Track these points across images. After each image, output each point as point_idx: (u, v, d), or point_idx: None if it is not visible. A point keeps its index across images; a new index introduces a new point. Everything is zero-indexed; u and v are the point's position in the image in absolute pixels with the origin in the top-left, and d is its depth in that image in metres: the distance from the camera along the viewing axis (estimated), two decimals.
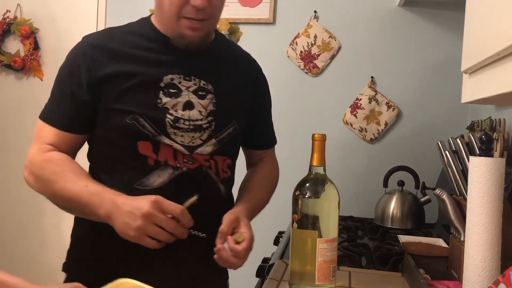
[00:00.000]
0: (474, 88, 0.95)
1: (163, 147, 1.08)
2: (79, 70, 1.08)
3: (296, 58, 2.22)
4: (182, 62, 1.13)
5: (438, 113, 2.11)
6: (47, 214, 2.46)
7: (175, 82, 1.10)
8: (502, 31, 0.73)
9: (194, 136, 1.10)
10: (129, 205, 0.95)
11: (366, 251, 1.45)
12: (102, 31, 1.18)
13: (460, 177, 1.11)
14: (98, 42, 1.11)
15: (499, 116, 1.43)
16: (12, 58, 2.42)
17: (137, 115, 1.06)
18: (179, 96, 1.10)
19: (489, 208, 0.87)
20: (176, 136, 1.09)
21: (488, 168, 0.87)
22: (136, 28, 1.15)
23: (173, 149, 1.08)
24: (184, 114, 1.09)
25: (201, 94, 1.12)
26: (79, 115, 1.10)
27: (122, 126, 1.07)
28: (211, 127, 1.12)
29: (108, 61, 1.09)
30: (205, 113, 1.12)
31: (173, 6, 1.05)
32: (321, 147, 1.03)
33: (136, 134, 1.07)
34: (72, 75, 1.09)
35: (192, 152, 1.10)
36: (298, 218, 1.02)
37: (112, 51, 1.10)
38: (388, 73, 2.15)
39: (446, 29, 2.09)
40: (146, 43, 1.12)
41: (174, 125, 1.08)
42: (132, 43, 1.12)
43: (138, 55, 1.10)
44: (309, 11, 2.21)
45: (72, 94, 1.09)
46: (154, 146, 1.08)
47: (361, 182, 2.16)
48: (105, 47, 1.10)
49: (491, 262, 0.88)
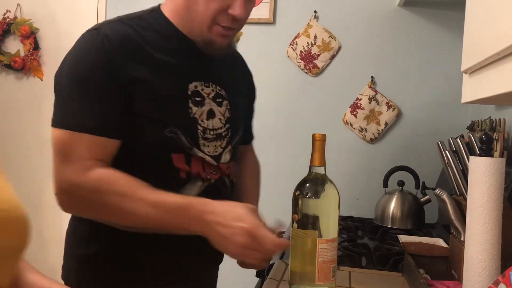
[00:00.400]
0: (474, 88, 0.95)
1: (194, 159, 1.04)
2: (107, 68, 0.96)
3: (296, 58, 2.22)
4: (200, 66, 1.08)
5: (438, 113, 2.11)
6: (47, 214, 2.46)
7: (198, 90, 1.05)
8: (502, 31, 0.73)
9: (216, 145, 1.07)
10: (223, 227, 0.90)
11: (366, 251, 1.45)
12: (116, 23, 1.02)
13: (460, 177, 1.11)
14: (124, 36, 0.99)
15: (499, 116, 1.43)
16: (12, 58, 2.43)
17: (175, 128, 1.00)
18: (203, 104, 1.05)
19: (489, 208, 0.87)
20: (204, 147, 1.05)
21: (488, 168, 0.87)
22: (151, 23, 1.05)
23: (202, 161, 1.04)
24: (208, 123, 1.06)
25: (219, 101, 1.09)
26: (114, 117, 0.97)
27: (160, 139, 0.99)
28: (228, 134, 1.10)
29: (134, 62, 0.98)
30: (224, 120, 1.09)
31: (209, 12, 0.99)
32: (321, 147, 1.03)
33: (172, 147, 1.01)
34: (98, 73, 0.96)
35: (219, 162, 1.07)
36: (298, 218, 1.02)
37: (136, 51, 0.99)
38: (388, 73, 2.15)
39: (446, 29, 2.09)
40: (167, 43, 1.04)
41: (204, 136, 1.05)
42: (154, 43, 1.02)
43: (163, 60, 1.02)
44: (309, 11, 2.21)
45: (103, 93, 0.96)
46: (187, 158, 1.03)
47: (361, 182, 2.16)
48: (128, 45, 0.99)
49: (491, 262, 0.88)
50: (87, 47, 0.99)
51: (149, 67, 1.00)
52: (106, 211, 0.95)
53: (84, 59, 0.98)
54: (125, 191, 0.93)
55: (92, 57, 0.97)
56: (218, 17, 1.00)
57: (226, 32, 1.02)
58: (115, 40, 0.98)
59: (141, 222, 0.94)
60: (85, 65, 0.97)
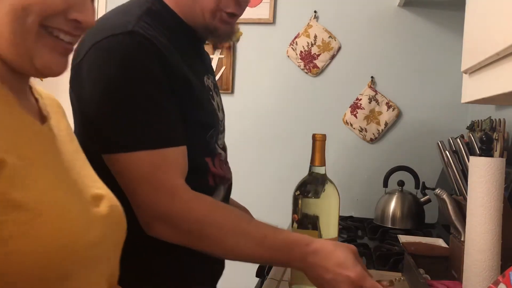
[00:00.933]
0: (474, 88, 0.95)
1: (217, 158, 1.02)
2: (157, 74, 0.87)
3: (296, 58, 2.22)
4: (202, 57, 1.08)
5: (438, 113, 2.11)
6: None
7: (208, 84, 1.04)
8: (502, 31, 0.73)
9: (224, 135, 1.10)
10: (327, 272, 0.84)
11: (366, 251, 1.45)
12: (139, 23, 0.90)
13: (460, 177, 1.11)
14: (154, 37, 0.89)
15: (499, 116, 1.43)
16: None
17: (212, 131, 0.98)
18: (214, 98, 1.05)
19: (489, 208, 0.87)
20: (219, 141, 1.05)
21: (488, 168, 0.87)
22: (161, 18, 0.96)
23: (219, 159, 1.03)
24: (220, 116, 1.06)
25: (216, 91, 1.09)
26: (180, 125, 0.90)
27: (200, 142, 0.95)
28: (224, 124, 1.11)
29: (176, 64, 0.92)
30: (221, 110, 1.10)
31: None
32: (321, 147, 1.03)
33: (206, 150, 0.99)
34: (154, 82, 0.87)
35: (226, 153, 1.08)
36: (298, 218, 1.02)
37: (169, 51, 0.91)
38: (388, 73, 2.15)
39: (446, 29, 2.09)
40: (181, 39, 0.99)
41: (220, 130, 1.05)
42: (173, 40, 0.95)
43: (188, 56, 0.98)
44: (309, 11, 2.21)
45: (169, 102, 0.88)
46: (213, 159, 1.01)
47: (361, 182, 2.16)
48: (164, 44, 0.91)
49: (491, 262, 0.88)
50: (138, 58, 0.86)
51: (180, 65, 0.93)
52: (206, 243, 0.86)
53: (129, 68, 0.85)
54: (226, 224, 0.86)
55: (146, 64, 0.86)
56: (221, 3, 0.97)
57: (229, 19, 1.00)
58: (155, 43, 0.88)
59: (244, 258, 0.88)
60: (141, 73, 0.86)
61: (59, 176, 0.61)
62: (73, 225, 0.57)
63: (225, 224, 0.86)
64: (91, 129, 0.89)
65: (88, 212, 0.62)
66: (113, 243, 0.68)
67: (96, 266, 0.62)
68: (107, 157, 0.86)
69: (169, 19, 0.97)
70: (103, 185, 0.72)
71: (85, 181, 0.68)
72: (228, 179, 1.07)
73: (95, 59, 0.87)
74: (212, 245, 0.86)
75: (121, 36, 0.86)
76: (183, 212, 0.84)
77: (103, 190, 0.70)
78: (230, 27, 1.02)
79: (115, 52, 0.86)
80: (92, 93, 0.88)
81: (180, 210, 0.84)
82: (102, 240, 0.62)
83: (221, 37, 1.03)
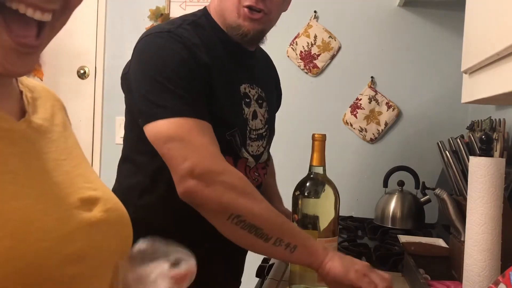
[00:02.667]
0: (474, 88, 0.95)
1: (240, 162, 1.07)
2: (195, 66, 0.98)
3: (296, 58, 2.22)
4: (247, 69, 1.11)
5: (438, 113, 2.11)
6: None
7: (247, 91, 1.09)
8: (502, 31, 0.73)
9: (259, 144, 1.13)
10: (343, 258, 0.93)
11: (366, 251, 1.45)
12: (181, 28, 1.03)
13: (460, 177, 1.11)
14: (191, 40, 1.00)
15: (499, 116, 1.43)
16: None
17: (234, 131, 1.03)
18: (250, 105, 1.10)
19: (489, 208, 0.87)
20: (249, 147, 1.09)
21: (488, 168, 0.87)
22: (205, 28, 1.06)
23: (245, 164, 1.08)
24: (253, 124, 1.10)
25: (260, 102, 1.14)
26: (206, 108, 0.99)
27: (220, 140, 0.99)
28: (267, 135, 1.16)
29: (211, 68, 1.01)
30: (264, 121, 1.14)
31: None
32: (321, 147, 1.03)
33: (226, 149, 1.02)
34: (191, 71, 0.98)
35: (257, 161, 1.12)
36: (298, 218, 1.02)
37: (203, 55, 1.01)
38: (388, 73, 2.15)
39: (446, 29, 2.09)
40: (220, 48, 1.06)
41: (249, 136, 1.09)
42: (211, 48, 1.04)
43: (220, 63, 1.04)
44: (309, 11, 2.21)
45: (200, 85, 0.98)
46: (234, 161, 1.06)
47: (361, 182, 2.16)
48: (199, 47, 1.01)
49: (491, 262, 0.88)
50: (170, 47, 0.98)
51: (214, 68, 1.02)
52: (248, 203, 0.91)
53: (172, 57, 0.97)
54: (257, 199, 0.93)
55: (181, 53, 0.97)
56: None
57: (252, 15, 1.02)
58: (192, 41, 0.99)
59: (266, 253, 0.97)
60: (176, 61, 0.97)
61: (30, 180, 0.51)
62: (41, 239, 0.46)
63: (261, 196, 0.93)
64: (135, 111, 1.00)
65: (69, 220, 0.51)
66: (111, 253, 0.56)
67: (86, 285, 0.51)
68: (148, 128, 0.95)
69: (211, 32, 1.05)
70: (102, 185, 0.62)
71: (76, 182, 0.57)
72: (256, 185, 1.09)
73: (135, 54, 1.02)
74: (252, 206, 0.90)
75: (158, 34, 1.00)
76: (228, 171, 0.91)
77: (99, 192, 0.59)
78: (255, 24, 1.03)
79: (151, 43, 1.00)
80: (134, 78, 1.00)
81: (223, 169, 0.91)
82: (90, 252, 0.52)
83: (248, 36, 1.04)
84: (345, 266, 0.91)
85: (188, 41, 0.99)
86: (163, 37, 0.99)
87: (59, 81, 2.43)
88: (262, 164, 1.16)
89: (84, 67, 2.41)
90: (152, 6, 2.33)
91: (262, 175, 1.16)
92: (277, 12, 1.09)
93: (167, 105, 0.94)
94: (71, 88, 2.41)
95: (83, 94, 2.34)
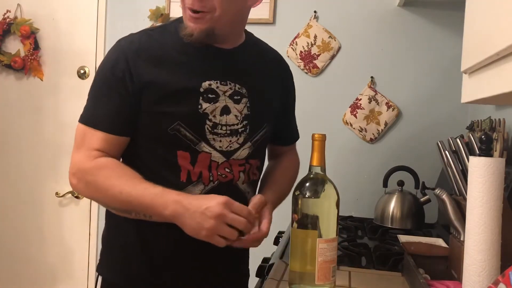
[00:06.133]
0: (474, 88, 0.95)
1: (200, 157, 1.09)
2: (123, 75, 1.07)
3: (296, 58, 2.22)
4: (217, 66, 1.13)
5: (438, 113, 2.11)
6: (47, 214, 2.46)
7: (213, 87, 1.11)
8: (502, 31, 0.73)
9: (232, 140, 1.12)
10: (197, 206, 0.98)
11: (366, 251, 1.45)
12: (138, 34, 1.15)
13: (460, 177, 1.11)
14: (137, 47, 1.10)
15: (499, 116, 1.43)
16: (12, 58, 2.42)
17: (178, 125, 1.07)
18: (217, 101, 1.11)
19: (489, 208, 0.87)
20: (215, 142, 1.10)
21: (488, 168, 0.87)
22: (172, 30, 1.14)
23: (209, 159, 1.09)
24: (221, 119, 1.11)
25: (236, 98, 1.13)
26: (126, 118, 1.09)
27: (163, 135, 1.07)
28: (246, 131, 1.14)
29: (148, 67, 1.08)
30: (240, 117, 1.13)
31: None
32: (321, 147, 1.03)
33: (176, 144, 1.08)
34: (117, 79, 1.08)
35: (229, 158, 1.12)
36: (298, 218, 1.02)
37: (151, 57, 1.09)
38: (388, 73, 2.15)
39: (446, 29, 2.09)
40: (184, 46, 1.11)
41: (213, 131, 1.10)
42: (170, 46, 1.11)
43: (177, 61, 1.10)
44: (309, 11, 2.21)
45: (118, 97, 1.08)
46: (192, 156, 1.09)
47: (361, 182, 2.16)
48: (144, 52, 1.09)
49: (491, 262, 0.88)
50: (111, 54, 1.11)
51: (164, 69, 1.08)
52: (99, 193, 1.07)
53: (105, 65, 1.11)
54: (117, 176, 1.05)
55: (112, 64, 1.09)
56: (185, 0, 1.06)
57: (194, 14, 1.06)
58: (132, 48, 1.09)
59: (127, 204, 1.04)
60: (105, 71, 1.10)
61: None
62: None
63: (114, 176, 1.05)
64: None
65: None
66: None
67: None
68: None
69: (177, 36, 1.11)
70: None
71: None
72: (212, 181, 1.11)
73: None
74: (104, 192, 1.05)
75: (116, 42, 1.14)
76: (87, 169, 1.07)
77: None
78: (198, 24, 1.06)
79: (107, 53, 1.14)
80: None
81: (86, 168, 1.07)
82: None
83: (193, 35, 1.08)
84: (194, 226, 0.98)
85: (129, 49, 1.09)
86: (114, 45, 1.13)
87: (59, 81, 2.43)
88: (239, 161, 1.13)
89: (84, 67, 2.41)
90: (152, 6, 2.33)
91: (236, 172, 1.13)
92: (227, 8, 1.05)
93: (86, 110, 1.12)
94: (71, 88, 2.41)
95: (83, 94, 2.32)
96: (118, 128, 1.08)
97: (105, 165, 1.06)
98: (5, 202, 2.49)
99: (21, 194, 2.47)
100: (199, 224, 0.97)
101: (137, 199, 1.02)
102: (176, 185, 1.06)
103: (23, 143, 2.48)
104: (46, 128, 2.45)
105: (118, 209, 1.11)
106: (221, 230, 0.98)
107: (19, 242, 2.49)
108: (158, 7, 2.32)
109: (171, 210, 1.00)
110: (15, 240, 2.49)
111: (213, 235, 0.98)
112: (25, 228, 2.48)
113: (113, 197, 1.04)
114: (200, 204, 0.98)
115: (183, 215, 0.99)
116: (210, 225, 0.96)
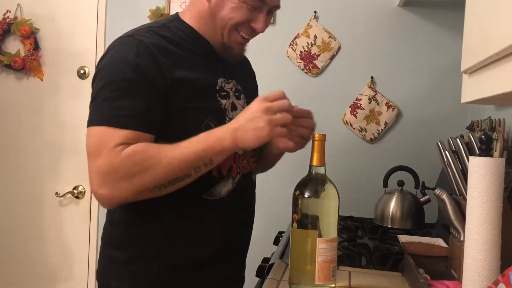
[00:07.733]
0: (474, 88, 0.95)
1: None
2: (151, 71, 1.04)
3: (296, 58, 2.22)
4: (221, 65, 1.18)
5: (438, 113, 2.11)
6: (47, 214, 2.46)
7: (223, 85, 1.16)
8: (502, 31, 0.73)
9: None
10: (245, 119, 0.99)
11: (366, 251, 1.45)
12: (146, 31, 1.10)
13: (460, 177, 1.11)
14: (156, 42, 1.07)
15: (499, 116, 1.43)
16: (12, 58, 2.42)
17: (209, 121, 1.09)
18: (229, 97, 1.16)
19: (489, 208, 0.87)
20: None
21: (488, 168, 0.87)
22: (176, 29, 1.14)
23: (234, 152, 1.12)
24: (233, 115, 1.15)
25: (237, 95, 1.20)
26: (155, 114, 1.04)
27: (196, 132, 1.03)
28: None
29: (173, 64, 1.07)
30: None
31: (233, 21, 1.10)
32: (321, 147, 1.03)
33: None
34: (142, 75, 1.03)
35: (244, 150, 1.17)
36: (298, 218, 1.02)
37: (171, 54, 1.08)
38: (388, 73, 2.15)
39: (446, 29, 2.09)
40: (193, 45, 1.14)
41: None
42: (180, 44, 1.12)
43: (192, 58, 1.12)
44: (309, 11, 2.21)
45: (145, 94, 1.03)
46: None
47: (361, 182, 2.16)
48: (165, 49, 1.08)
49: (491, 262, 0.88)
50: (124, 51, 1.05)
51: (185, 66, 1.09)
52: (145, 176, 0.98)
53: (122, 62, 1.04)
54: (157, 151, 0.99)
55: (130, 59, 1.03)
56: (240, 27, 1.11)
57: (244, 41, 1.14)
58: (149, 46, 1.05)
59: (183, 164, 0.99)
60: (125, 66, 1.03)
61: None
62: None
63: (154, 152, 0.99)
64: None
65: None
66: None
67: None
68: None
69: (182, 33, 1.14)
70: None
71: None
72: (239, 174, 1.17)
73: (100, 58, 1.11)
74: (152, 171, 0.98)
75: (122, 39, 1.08)
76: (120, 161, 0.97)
77: None
78: (242, 48, 1.18)
79: (114, 49, 1.07)
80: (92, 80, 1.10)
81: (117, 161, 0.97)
82: None
83: (234, 56, 1.18)
84: (254, 133, 0.97)
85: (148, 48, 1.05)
86: (122, 42, 1.07)
87: (59, 81, 2.43)
88: (250, 153, 1.22)
89: (84, 67, 2.41)
90: (152, 6, 2.33)
91: (251, 163, 1.22)
92: None
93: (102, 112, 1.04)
94: (71, 88, 2.41)
95: (83, 94, 2.34)
96: (147, 125, 1.02)
97: (138, 149, 0.99)
98: (5, 202, 2.49)
99: (21, 194, 2.47)
100: (256, 128, 0.97)
101: (193, 153, 0.99)
102: (209, 180, 1.10)
103: (23, 143, 2.48)
104: (46, 128, 2.45)
105: (175, 179, 1.01)
106: (276, 120, 0.98)
107: (19, 242, 2.49)
108: (158, 7, 2.32)
109: (229, 139, 0.99)
110: (15, 240, 2.49)
111: (273, 129, 0.97)
112: (25, 228, 2.48)
113: (168, 168, 0.98)
114: (245, 116, 0.99)
115: (241, 134, 0.99)
116: (265, 122, 0.97)
